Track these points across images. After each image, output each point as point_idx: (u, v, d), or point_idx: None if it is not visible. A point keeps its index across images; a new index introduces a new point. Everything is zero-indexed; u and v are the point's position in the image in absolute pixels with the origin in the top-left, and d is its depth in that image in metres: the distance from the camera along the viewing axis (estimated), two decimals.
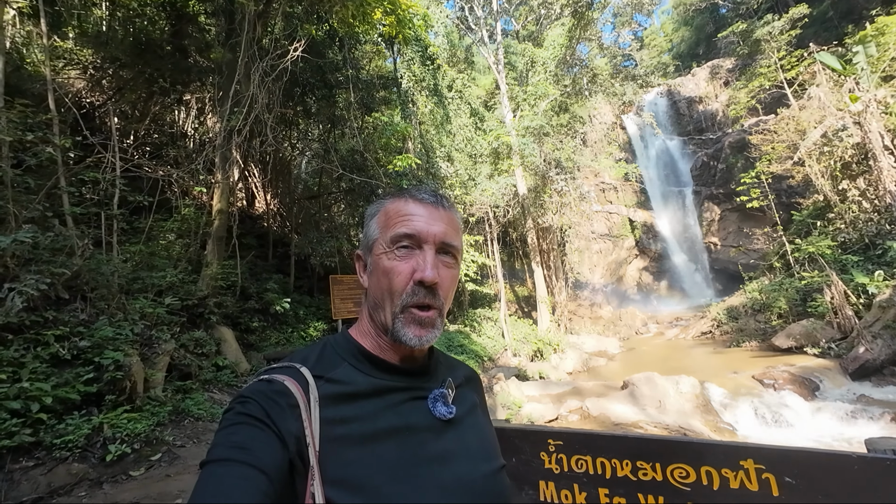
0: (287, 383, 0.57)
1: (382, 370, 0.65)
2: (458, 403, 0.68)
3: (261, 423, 0.53)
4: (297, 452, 0.53)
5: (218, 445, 0.51)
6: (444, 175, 12.63)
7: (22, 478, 3.04)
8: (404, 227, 0.65)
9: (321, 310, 9.78)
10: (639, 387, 7.47)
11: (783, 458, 1.04)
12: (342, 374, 0.62)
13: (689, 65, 30.42)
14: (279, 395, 0.56)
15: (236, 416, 0.54)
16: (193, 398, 5.01)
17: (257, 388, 0.57)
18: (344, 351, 0.66)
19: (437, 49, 14.21)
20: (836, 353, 8.90)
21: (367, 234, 0.70)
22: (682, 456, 1.22)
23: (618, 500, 1.32)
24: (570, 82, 16.81)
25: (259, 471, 0.48)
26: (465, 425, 0.68)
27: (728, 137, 21.23)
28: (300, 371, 0.60)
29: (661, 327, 17.04)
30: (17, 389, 3.32)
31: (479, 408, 0.75)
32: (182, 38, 9.17)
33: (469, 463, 0.63)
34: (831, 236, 11.64)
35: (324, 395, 0.59)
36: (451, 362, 0.79)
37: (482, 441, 0.69)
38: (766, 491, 1.06)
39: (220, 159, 7.83)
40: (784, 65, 17.15)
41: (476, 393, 0.78)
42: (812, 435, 6.22)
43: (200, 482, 0.48)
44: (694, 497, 1.18)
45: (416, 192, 0.69)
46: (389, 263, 0.64)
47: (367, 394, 0.61)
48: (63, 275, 4.45)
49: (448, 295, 0.67)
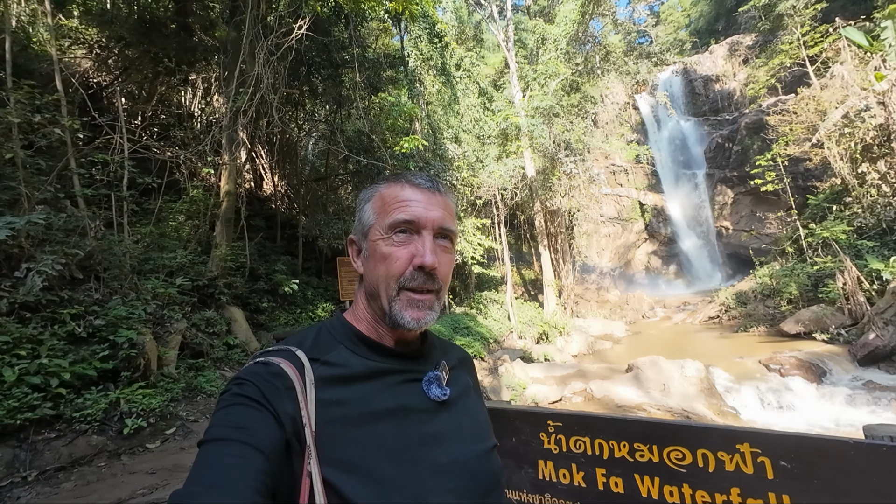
0: (283, 365, 0.58)
1: (377, 353, 0.66)
2: (452, 385, 0.69)
3: (257, 404, 0.54)
4: (293, 433, 0.54)
5: (216, 425, 0.52)
6: (452, 157, 12.48)
7: (45, 448, 3.19)
8: (403, 213, 0.64)
9: (329, 291, 9.91)
10: (644, 370, 7.51)
11: (779, 442, 1.05)
12: (337, 356, 0.63)
13: (706, 41, 29.28)
14: (275, 378, 0.57)
15: (233, 396, 0.55)
16: (205, 375, 5.17)
17: (254, 370, 0.58)
18: (339, 334, 0.67)
19: (445, 26, 13.82)
20: (846, 339, 8.82)
21: (361, 219, 0.70)
22: (679, 439, 1.23)
23: (614, 479, 1.35)
24: (581, 60, 16.32)
25: (256, 450, 0.50)
26: (459, 407, 0.69)
27: (745, 118, 20.57)
28: (296, 354, 0.61)
29: (669, 311, 16.99)
30: (36, 365, 3.45)
31: (472, 389, 0.76)
32: (186, 15, 9.04)
33: (463, 443, 0.64)
34: (847, 221, 11.36)
35: (319, 377, 0.59)
36: (445, 345, 0.79)
37: (475, 422, 0.70)
38: (761, 474, 1.07)
39: (227, 140, 7.82)
40: (807, 41, 16.42)
41: (469, 374, 0.79)
42: (817, 420, 6.23)
43: (199, 460, 0.49)
44: (689, 479, 1.20)
45: (413, 176, 0.69)
46: (388, 249, 0.64)
47: (362, 376, 0.62)
48: (77, 255, 4.55)
49: (446, 278, 0.67)
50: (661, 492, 1.25)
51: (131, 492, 2.79)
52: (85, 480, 2.99)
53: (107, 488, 2.85)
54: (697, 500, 1.18)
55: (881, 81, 10.60)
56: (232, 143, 7.87)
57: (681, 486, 1.21)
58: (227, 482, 0.46)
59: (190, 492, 0.45)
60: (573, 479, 1.43)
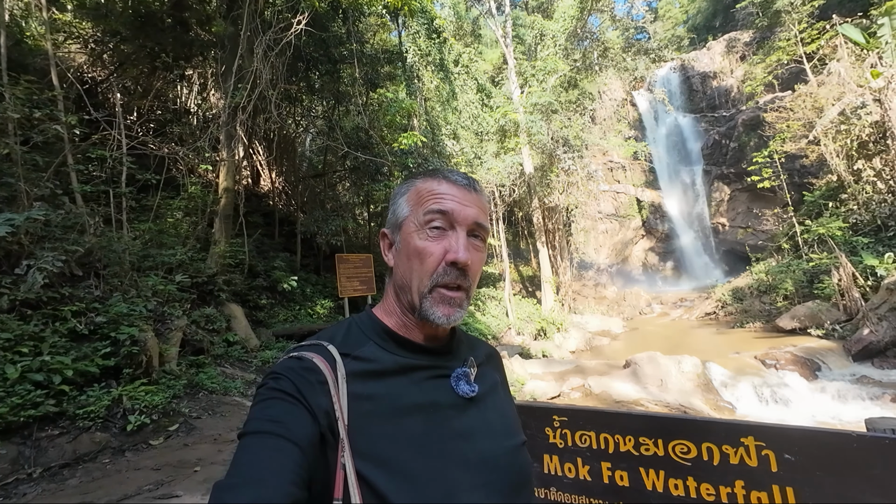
0: (316, 360, 0.60)
1: (406, 349, 0.67)
2: (480, 382, 0.70)
3: (292, 399, 0.56)
4: (327, 426, 0.56)
5: (253, 419, 0.54)
6: (450, 153, 12.48)
7: (49, 445, 3.20)
8: (437, 204, 0.65)
9: (328, 288, 9.90)
10: (641, 366, 7.57)
11: (783, 435, 1.07)
12: (368, 351, 0.64)
13: (704, 38, 29.27)
14: (309, 372, 0.58)
15: (269, 391, 0.57)
16: (206, 372, 5.17)
17: (288, 364, 0.60)
18: (369, 330, 0.68)
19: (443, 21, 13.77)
20: (841, 334, 8.92)
21: (395, 212, 0.70)
22: (684, 433, 1.25)
23: (620, 473, 1.37)
24: (580, 56, 16.30)
25: (293, 443, 0.51)
26: (488, 403, 0.69)
27: (742, 115, 20.63)
28: (328, 349, 0.62)
29: (666, 308, 17.11)
30: (39, 362, 3.44)
31: (500, 385, 0.77)
32: (182, 10, 8.93)
33: (491, 439, 0.65)
34: (843, 217, 11.45)
35: (350, 371, 0.61)
36: (473, 341, 0.80)
37: (504, 418, 0.71)
38: (765, 467, 1.09)
39: (225, 136, 7.77)
40: (804, 38, 16.45)
41: (497, 371, 0.80)
42: (811, 414, 6.32)
43: (239, 453, 0.51)
44: (694, 472, 1.22)
45: (450, 173, 0.69)
46: (422, 243, 0.65)
47: (392, 371, 0.63)
48: (76, 252, 4.53)
49: (476, 277, 0.68)
50: (665, 485, 1.28)
51: (137, 488, 2.80)
52: (90, 477, 3.01)
53: (112, 484, 2.86)
54: (702, 493, 1.20)
55: (877, 78, 10.66)
56: (230, 140, 7.82)
57: (685, 480, 1.23)
58: (266, 474, 0.48)
59: (232, 483, 0.47)
60: (579, 473, 1.45)
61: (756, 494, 1.11)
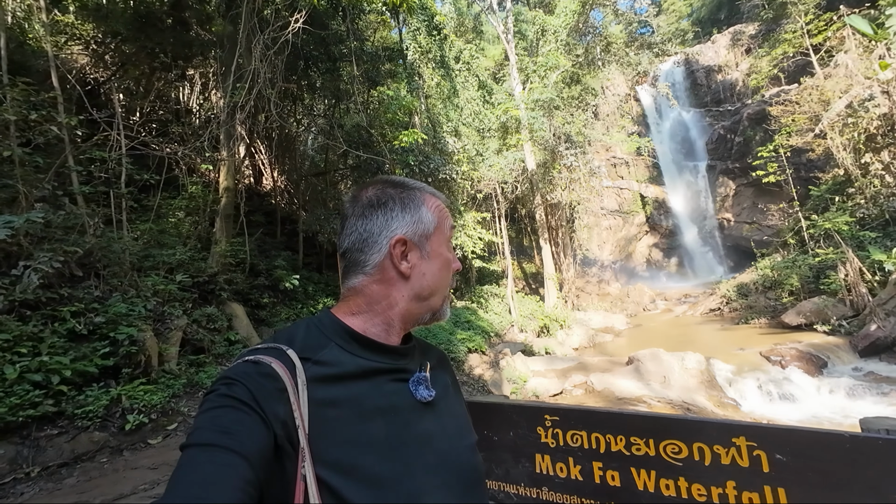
0: (274, 365, 0.56)
1: (369, 349, 0.65)
2: (434, 385, 0.70)
3: (246, 407, 0.52)
4: (284, 436, 0.53)
5: (201, 428, 0.50)
6: (452, 150, 12.41)
7: (47, 445, 3.21)
8: (453, 222, 0.77)
9: (330, 286, 9.92)
10: (644, 362, 7.52)
11: (775, 436, 1.05)
12: (329, 355, 0.62)
13: (709, 31, 28.97)
14: (266, 378, 0.55)
15: (221, 398, 0.52)
16: (207, 371, 5.19)
17: (244, 369, 0.56)
18: (330, 331, 0.66)
19: (443, 18, 13.68)
20: (847, 330, 8.80)
21: (420, 221, 0.70)
22: (675, 432, 1.23)
23: (611, 473, 1.35)
24: (582, 52, 16.16)
25: (242, 457, 0.47)
26: (442, 406, 0.70)
27: (747, 109, 20.40)
28: (287, 353, 0.59)
29: (670, 304, 16.99)
30: (37, 363, 3.46)
31: (451, 387, 0.78)
32: (182, 9, 8.95)
33: (448, 441, 0.66)
34: (850, 212, 11.30)
35: (311, 376, 0.58)
36: (423, 345, 0.80)
37: (458, 420, 0.73)
38: (757, 467, 1.06)
39: (225, 136, 7.79)
40: (811, 30, 16.21)
41: (448, 373, 0.80)
42: (817, 411, 6.25)
43: (182, 466, 0.46)
44: (686, 472, 1.20)
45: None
46: (452, 256, 0.75)
47: (353, 375, 0.62)
48: (76, 252, 4.55)
49: None
50: (657, 485, 1.25)
51: (133, 487, 2.81)
52: (87, 476, 3.02)
53: (109, 484, 2.87)
54: (693, 494, 1.18)
55: (886, 70, 10.47)
56: (230, 139, 7.83)
57: (677, 480, 1.21)
58: (212, 494, 0.44)
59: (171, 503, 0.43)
60: (570, 473, 1.43)
61: (748, 495, 1.08)
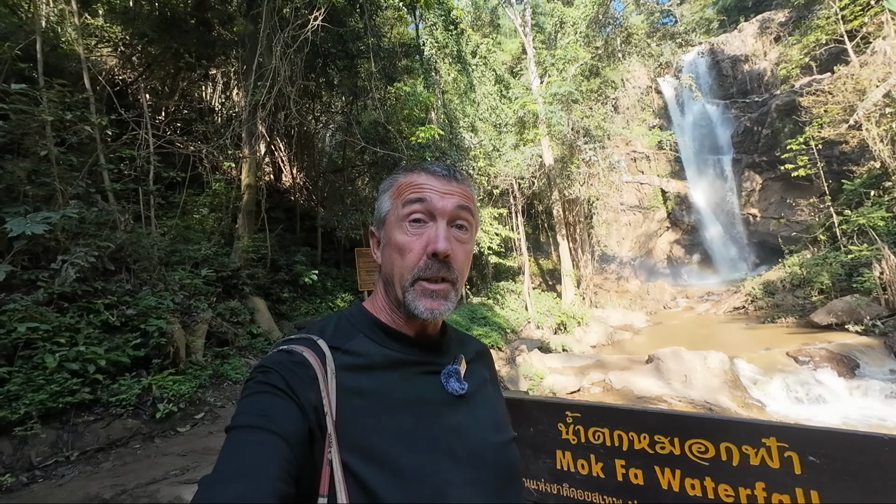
0: (305, 354, 0.59)
1: (396, 341, 0.66)
2: (470, 379, 0.69)
3: (282, 393, 0.55)
4: (315, 421, 0.55)
5: (242, 412, 0.54)
6: (468, 146, 12.37)
7: (85, 430, 3.39)
8: (415, 194, 0.65)
9: (347, 281, 10.06)
10: (664, 361, 7.37)
11: (808, 437, 1.02)
12: (357, 345, 0.64)
13: (735, 19, 27.84)
14: (298, 366, 0.58)
15: (258, 385, 0.56)
16: (231, 363, 5.35)
17: (278, 358, 0.59)
18: (359, 323, 0.68)
19: (460, 12, 13.57)
20: (882, 330, 8.43)
21: (379, 209, 0.71)
22: (702, 432, 1.21)
23: (634, 471, 1.33)
24: (602, 44, 15.85)
25: (280, 437, 0.51)
26: (477, 400, 0.69)
27: (775, 100, 19.59)
28: (317, 343, 0.62)
29: (691, 302, 16.58)
30: (75, 352, 3.64)
31: (489, 382, 0.76)
32: (205, 10, 9.15)
33: (481, 436, 0.65)
34: (886, 207, 10.77)
35: (340, 365, 0.60)
36: (463, 338, 0.79)
37: (493, 415, 0.71)
38: (788, 469, 1.04)
39: (247, 134, 7.96)
40: (846, 15, 15.41)
41: (487, 368, 0.79)
42: (848, 414, 6.02)
43: (226, 447, 0.50)
44: (712, 472, 1.17)
45: (429, 164, 0.69)
46: (402, 238, 0.64)
47: (382, 366, 0.63)
48: (108, 247, 4.74)
49: (463, 269, 0.66)
50: (682, 484, 1.24)
51: (165, 472, 2.94)
52: (122, 461, 3.17)
53: (142, 468, 3.01)
54: (720, 494, 1.15)
55: None
56: (251, 137, 8.00)
57: (703, 480, 1.19)
58: (253, 469, 0.47)
59: (218, 478, 0.47)
60: (592, 470, 1.42)
61: (778, 497, 1.06)
